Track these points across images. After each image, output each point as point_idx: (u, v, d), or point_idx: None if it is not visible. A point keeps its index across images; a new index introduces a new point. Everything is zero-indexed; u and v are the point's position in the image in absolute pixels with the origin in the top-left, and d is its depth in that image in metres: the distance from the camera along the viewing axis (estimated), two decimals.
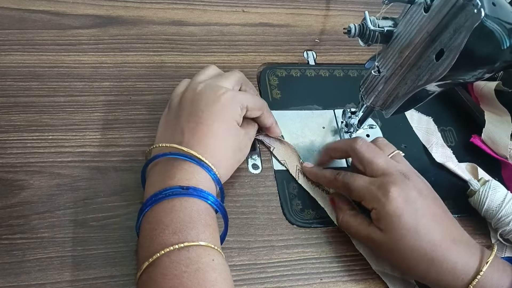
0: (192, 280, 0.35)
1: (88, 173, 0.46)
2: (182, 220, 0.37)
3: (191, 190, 0.39)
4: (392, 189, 0.42)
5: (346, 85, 0.60)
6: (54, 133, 0.48)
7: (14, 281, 0.40)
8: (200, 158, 0.41)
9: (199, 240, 0.37)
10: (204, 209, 0.39)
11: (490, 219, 0.49)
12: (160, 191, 0.39)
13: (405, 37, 0.42)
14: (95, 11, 0.58)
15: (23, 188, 0.44)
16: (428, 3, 0.39)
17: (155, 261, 0.36)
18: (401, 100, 0.45)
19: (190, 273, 0.35)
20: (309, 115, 0.56)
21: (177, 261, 0.35)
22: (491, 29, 0.36)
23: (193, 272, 0.35)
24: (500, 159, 0.54)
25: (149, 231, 0.38)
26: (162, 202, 0.38)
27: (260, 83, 0.57)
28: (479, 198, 0.49)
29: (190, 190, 0.39)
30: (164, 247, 0.36)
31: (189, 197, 0.39)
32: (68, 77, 0.52)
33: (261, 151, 0.52)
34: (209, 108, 0.43)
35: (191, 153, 0.41)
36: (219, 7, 0.63)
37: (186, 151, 0.41)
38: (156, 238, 0.37)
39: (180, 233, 0.37)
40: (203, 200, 0.39)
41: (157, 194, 0.39)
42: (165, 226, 0.37)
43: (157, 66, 0.55)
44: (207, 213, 0.39)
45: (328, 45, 0.63)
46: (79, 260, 0.42)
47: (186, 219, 0.37)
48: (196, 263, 0.36)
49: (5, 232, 0.41)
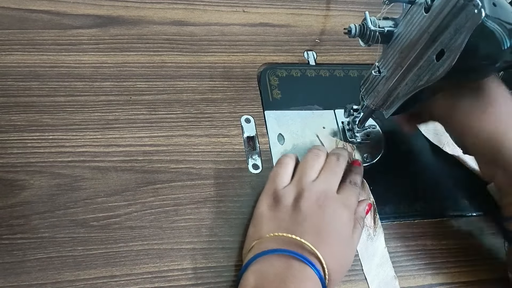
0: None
1: (89, 173, 0.46)
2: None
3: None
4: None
5: (346, 85, 0.60)
6: (55, 133, 0.48)
7: (14, 281, 0.40)
8: (323, 267, 0.40)
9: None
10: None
11: None
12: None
13: (406, 37, 0.42)
14: (95, 11, 0.58)
15: (23, 188, 0.44)
16: (428, 3, 0.39)
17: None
18: (401, 100, 0.45)
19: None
20: (309, 115, 0.56)
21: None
22: (492, 29, 0.36)
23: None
24: None
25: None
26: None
27: (260, 83, 0.57)
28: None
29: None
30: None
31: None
32: (68, 77, 0.52)
33: (261, 151, 0.52)
34: (332, 228, 0.42)
35: (316, 254, 0.40)
36: (219, 7, 0.63)
37: (312, 250, 0.40)
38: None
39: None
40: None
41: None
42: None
43: (158, 66, 0.55)
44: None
45: (328, 45, 0.63)
46: (80, 260, 0.42)
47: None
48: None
49: (6, 232, 0.41)
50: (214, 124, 0.52)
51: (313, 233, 0.41)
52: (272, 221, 0.43)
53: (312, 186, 0.45)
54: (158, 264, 0.43)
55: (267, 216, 0.44)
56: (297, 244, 0.41)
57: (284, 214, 0.43)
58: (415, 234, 0.50)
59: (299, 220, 0.42)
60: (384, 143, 0.56)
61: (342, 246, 0.43)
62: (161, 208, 0.46)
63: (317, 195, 0.44)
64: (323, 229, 0.42)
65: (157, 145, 0.49)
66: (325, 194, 0.44)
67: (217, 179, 0.49)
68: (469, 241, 0.51)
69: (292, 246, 0.41)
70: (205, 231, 0.45)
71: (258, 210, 0.45)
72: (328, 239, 0.42)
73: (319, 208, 0.43)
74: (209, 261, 0.44)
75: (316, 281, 0.39)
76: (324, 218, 0.42)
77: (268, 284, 0.39)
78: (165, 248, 0.44)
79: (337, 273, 0.42)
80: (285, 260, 0.40)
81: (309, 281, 0.39)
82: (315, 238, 0.41)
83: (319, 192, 0.44)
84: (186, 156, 0.49)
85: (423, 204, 0.52)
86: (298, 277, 0.39)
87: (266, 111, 0.55)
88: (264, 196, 0.46)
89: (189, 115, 0.52)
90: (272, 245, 0.41)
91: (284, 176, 0.46)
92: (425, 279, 0.48)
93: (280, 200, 0.44)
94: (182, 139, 0.50)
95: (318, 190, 0.44)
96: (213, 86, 0.55)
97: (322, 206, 0.43)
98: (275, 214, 0.44)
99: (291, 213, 0.43)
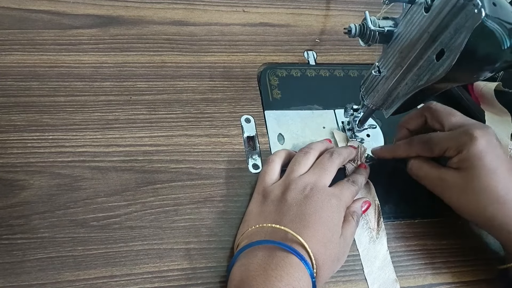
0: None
1: (89, 173, 0.46)
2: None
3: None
4: (476, 131, 0.45)
5: (346, 85, 0.60)
6: (55, 133, 0.48)
7: (14, 281, 0.40)
8: (309, 253, 0.40)
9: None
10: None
11: None
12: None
13: (406, 37, 0.42)
14: (95, 11, 0.58)
15: (23, 188, 0.44)
16: (428, 3, 0.39)
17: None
18: (401, 100, 0.45)
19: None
20: (309, 115, 0.56)
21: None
22: (492, 29, 0.36)
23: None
24: None
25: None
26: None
27: (260, 83, 0.57)
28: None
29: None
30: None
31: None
32: (68, 77, 0.52)
33: (261, 151, 0.52)
34: (318, 213, 0.42)
35: (299, 240, 0.40)
36: (219, 7, 0.63)
37: (294, 237, 0.40)
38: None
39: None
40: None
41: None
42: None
43: (158, 66, 0.55)
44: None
45: (328, 45, 0.63)
46: (80, 260, 0.42)
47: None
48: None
49: (6, 232, 0.41)
50: (214, 124, 0.52)
51: (297, 220, 0.41)
52: (259, 216, 0.44)
53: (299, 179, 0.45)
54: (158, 264, 0.43)
55: (255, 212, 0.45)
56: (281, 234, 0.41)
57: (271, 207, 0.44)
58: (415, 234, 0.50)
59: (283, 210, 0.42)
60: (384, 143, 0.56)
61: (329, 232, 0.42)
62: (161, 208, 0.46)
63: (304, 186, 0.44)
64: (307, 216, 0.42)
65: (157, 145, 0.49)
66: (312, 185, 0.44)
67: (217, 179, 0.49)
68: (469, 241, 0.51)
69: (276, 237, 0.41)
70: (205, 231, 0.45)
71: (248, 208, 0.46)
72: (312, 225, 0.41)
73: (304, 198, 0.43)
74: (209, 261, 0.44)
75: (301, 267, 0.39)
76: (309, 206, 0.42)
77: (251, 275, 0.39)
78: (165, 248, 0.44)
79: (326, 261, 0.41)
80: (269, 250, 0.40)
81: (292, 267, 0.39)
82: (298, 225, 0.41)
83: (306, 183, 0.44)
84: (186, 156, 0.49)
85: (423, 204, 0.52)
86: (280, 265, 0.39)
87: (266, 111, 0.55)
88: (254, 195, 0.47)
89: (189, 115, 0.52)
90: (256, 237, 0.42)
91: (271, 173, 0.47)
92: (425, 279, 0.48)
93: (269, 195, 0.45)
94: (182, 139, 0.50)
95: (305, 181, 0.45)
96: (213, 86, 0.55)
97: (308, 195, 0.43)
98: (262, 209, 0.44)
99: (277, 205, 0.43)
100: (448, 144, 0.46)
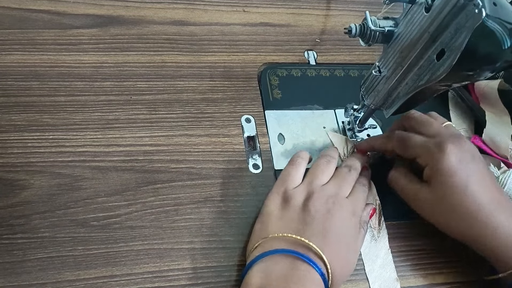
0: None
1: (89, 172, 0.46)
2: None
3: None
4: (449, 146, 0.44)
5: (346, 85, 0.60)
6: (55, 133, 0.48)
7: (14, 281, 0.40)
8: (328, 272, 0.40)
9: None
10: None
11: None
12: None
13: (406, 37, 0.42)
14: (96, 11, 0.58)
15: (23, 187, 0.44)
16: (429, 3, 0.39)
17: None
18: (401, 100, 0.45)
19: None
20: (309, 115, 0.56)
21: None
22: (492, 29, 0.36)
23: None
24: (501, 160, 0.54)
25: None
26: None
27: (260, 83, 0.57)
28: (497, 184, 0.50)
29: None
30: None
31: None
32: (68, 76, 0.52)
33: (261, 151, 0.52)
34: (339, 232, 0.42)
35: (323, 258, 0.40)
36: (219, 7, 0.63)
37: (318, 253, 0.40)
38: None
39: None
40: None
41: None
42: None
43: (158, 66, 0.55)
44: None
45: (328, 45, 0.63)
46: (80, 260, 0.42)
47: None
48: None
49: (6, 232, 0.41)
50: (214, 124, 0.52)
51: (320, 236, 0.41)
52: (280, 221, 0.43)
53: (322, 189, 0.45)
54: (159, 264, 0.43)
55: (276, 215, 0.44)
56: (304, 246, 0.41)
57: (293, 214, 0.43)
58: (415, 234, 0.50)
59: (307, 221, 0.42)
60: None
61: (347, 251, 0.43)
62: (161, 208, 0.46)
63: (327, 198, 0.44)
64: (330, 233, 0.42)
65: (157, 145, 0.49)
66: (335, 198, 0.44)
67: (217, 179, 0.49)
68: None
69: (298, 247, 0.41)
70: (205, 231, 0.45)
71: (267, 208, 0.45)
72: (334, 244, 0.42)
73: (328, 212, 0.43)
74: (210, 261, 0.44)
75: (320, 284, 0.39)
76: (332, 222, 0.42)
77: (272, 283, 0.39)
78: (165, 248, 0.44)
79: (340, 277, 0.42)
80: (291, 260, 0.40)
81: (313, 284, 0.39)
82: (321, 241, 0.41)
83: (329, 195, 0.44)
84: (186, 156, 0.49)
85: None
86: (301, 279, 0.39)
87: (266, 111, 0.55)
88: (274, 195, 0.46)
89: (189, 115, 0.52)
90: (278, 244, 0.41)
91: (295, 176, 0.46)
92: (426, 279, 0.48)
93: (290, 200, 0.44)
94: (182, 139, 0.50)
95: (328, 193, 0.44)
96: (213, 86, 0.55)
97: (331, 210, 0.43)
98: (283, 214, 0.44)
99: (299, 213, 0.43)
100: (420, 151, 0.45)
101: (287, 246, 0.41)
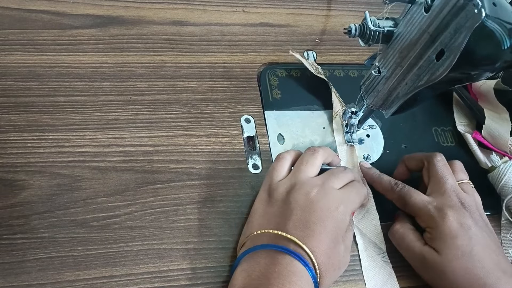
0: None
1: (89, 173, 0.46)
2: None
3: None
4: (449, 212, 0.43)
5: (346, 85, 0.60)
6: (55, 133, 0.48)
7: (14, 281, 0.40)
8: (313, 262, 0.39)
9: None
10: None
11: (505, 196, 0.51)
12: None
13: (406, 37, 0.42)
14: (95, 11, 0.58)
15: (23, 188, 0.44)
16: (428, 3, 0.39)
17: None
18: (401, 100, 0.45)
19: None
20: (309, 115, 0.56)
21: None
22: (492, 29, 0.36)
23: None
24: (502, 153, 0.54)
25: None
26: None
27: (260, 83, 0.57)
28: (498, 173, 0.51)
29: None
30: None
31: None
32: (68, 77, 0.52)
33: (261, 151, 0.52)
34: (322, 222, 0.41)
35: (304, 249, 0.39)
36: (219, 7, 0.63)
37: (299, 245, 0.40)
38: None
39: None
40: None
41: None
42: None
43: (158, 66, 0.55)
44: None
45: (328, 45, 0.63)
46: (79, 260, 0.42)
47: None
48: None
49: (6, 232, 0.41)
50: (214, 124, 0.52)
51: (301, 227, 0.41)
52: (263, 217, 0.43)
53: (307, 180, 0.44)
54: (158, 264, 0.43)
55: (259, 212, 0.44)
56: (284, 239, 0.40)
57: (275, 209, 0.43)
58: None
59: (286, 214, 0.42)
60: (384, 144, 0.56)
61: (332, 243, 0.41)
62: (161, 208, 0.46)
63: (310, 188, 0.43)
64: (312, 223, 0.41)
65: (157, 145, 0.49)
66: (320, 187, 0.43)
67: (217, 179, 0.49)
68: None
69: (279, 241, 0.40)
70: (205, 231, 0.45)
71: (254, 206, 0.45)
72: (318, 234, 0.40)
73: (309, 202, 0.42)
74: (209, 261, 0.44)
75: (304, 275, 0.39)
76: (314, 213, 0.41)
77: (254, 284, 0.38)
78: (165, 248, 0.44)
79: (330, 267, 0.41)
80: (272, 256, 0.40)
81: (295, 276, 0.38)
82: (302, 231, 0.40)
83: (313, 185, 0.43)
84: (186, 156, 0.49)
85: None
86: (283, 273, 0.38)
87: (266, 111, 0.55)
88: (260, 192, 0.46)
89: (189, 115, 0.52)
90: (261, 241, 0.41)
91: (280, 170, 0.46)
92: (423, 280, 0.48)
93: (273, 193, 0.44)
94: (182, 139, 0.50)
95: (312, 183, 0.43)
96: (213, 86, 0.55)
97: (313, 199, 0.42)
98: (266, 210, 0.44)
99: (281, 207, 0.43)
100: (419, 213, 0.45)
101: (268, 241, 0.41)
